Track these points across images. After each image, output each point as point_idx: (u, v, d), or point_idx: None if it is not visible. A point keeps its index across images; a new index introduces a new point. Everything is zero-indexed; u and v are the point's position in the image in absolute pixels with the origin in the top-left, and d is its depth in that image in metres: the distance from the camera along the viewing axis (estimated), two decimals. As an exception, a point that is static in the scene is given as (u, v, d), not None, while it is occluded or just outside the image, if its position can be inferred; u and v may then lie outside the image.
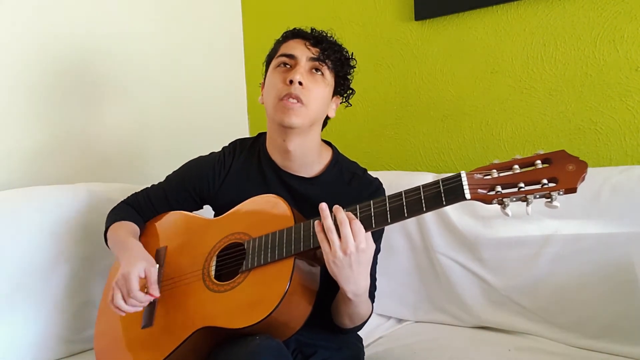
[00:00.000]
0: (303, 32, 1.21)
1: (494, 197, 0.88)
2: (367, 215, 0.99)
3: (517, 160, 0.90)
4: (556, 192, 0.85)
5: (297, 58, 1.16)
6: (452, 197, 0.91)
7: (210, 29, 2.15)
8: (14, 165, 1.56)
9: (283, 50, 1.19)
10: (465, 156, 1.75)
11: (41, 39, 1.62)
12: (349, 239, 0.96)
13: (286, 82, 1.13)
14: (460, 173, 0.91)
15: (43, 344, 1.39)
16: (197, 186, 1.28)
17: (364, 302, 1.09)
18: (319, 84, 1.16)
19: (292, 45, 1.18)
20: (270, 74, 1.20)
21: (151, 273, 1.10)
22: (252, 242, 1.09)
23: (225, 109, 2.20)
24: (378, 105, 1.94)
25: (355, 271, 0.99)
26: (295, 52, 1.17)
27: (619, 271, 1.27)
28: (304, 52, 1.16)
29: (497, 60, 1.67)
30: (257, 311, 1.00)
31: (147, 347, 1.13)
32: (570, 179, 0.84)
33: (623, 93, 1.47)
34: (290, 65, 1.17)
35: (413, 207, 0.95)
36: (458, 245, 1.49)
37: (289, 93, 1.13)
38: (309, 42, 1.17)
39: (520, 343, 1.36)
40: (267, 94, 1.19)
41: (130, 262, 1.11)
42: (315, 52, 1.16)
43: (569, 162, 0.85)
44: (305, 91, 1.13)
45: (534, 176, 0.87)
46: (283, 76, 1.15)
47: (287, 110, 1.13)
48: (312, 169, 1.23)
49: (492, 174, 0.90)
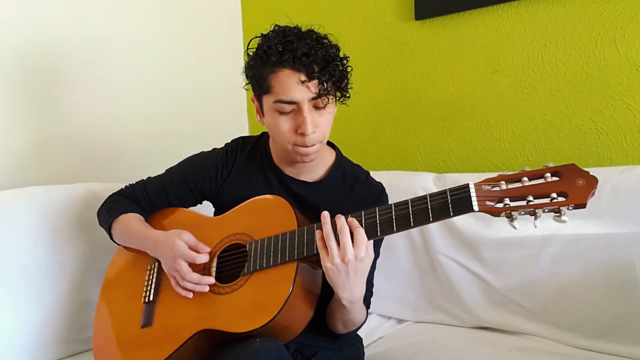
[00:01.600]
0: (290, 57, 1.04)
1: (502, 210, 0.87)
2: (372, 222, 0.98)
3: (526, 172, 0.89)
4: (565, 207, 0.84)
5: (299, 103, 1.06)
6: (459, 208, 0.90)
7: (211, 28, 2.15)
8: (12, 166, 1.56)
9: (278, 90, 1.06)
10: (466, 156, 1.75)
11: (37, 37, 1.61)
12: (348, 247, 0.96)
13: (297, 131, 1.08)
14: (468, 184, 0.90)
15: (42, 344, 1.38)
16: (199, 182, 1.26)
17: (358, 309, 1.08)
18: (326, 117, 1.10)
19: (287, 85, 1.05)
20: (270, 115, 1.10)
21: (189, 239, 1.13)
22: (254, 244, 1.09)
23: (225, 109, 2.20)
24: (378, 105, 1.93)
25: (351, 279, 0.98)
26: (294, 96, 1.05)
27: (619, 271, 1.27)
28: (303, 93, 1.05)
29: (497, 60, 1.66)
30: (259, 316, 0.99)
31: (146, 346, 1.12)
32: (580, 194, 0.83)
33: (624, 93, 1.47)
34: (293, 109, 1.08)
35: (419, 216, 0.94)
36: (458, 245, 1.49)
37: (304, 144, 1.08)
38: (304, 78, 1.04)
39: (521, 343, 1.36)
40: (275, 134, 1.13)
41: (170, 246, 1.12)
42: (315, 88, 1.05)
43: (579, 176, 0.85)
44: (318, 130, 1.09)
45: (543, 190, 0.86)
46: (291, 124, 1.08)
47: (304, 155, 1.11)
48: (315, 172, 1.22)
49: (500, 186, 0.89)
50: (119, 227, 1.26)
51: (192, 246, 1.12)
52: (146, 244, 1.20)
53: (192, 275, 1.08)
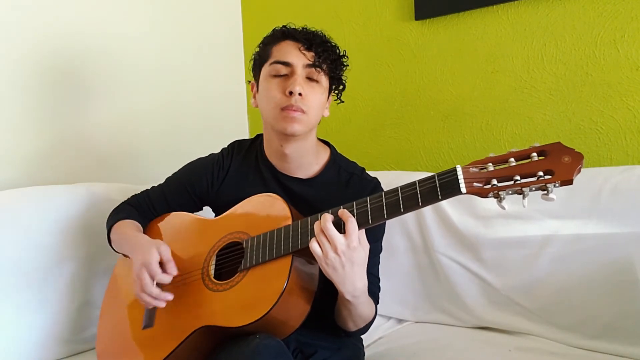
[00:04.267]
0: (294, 32, 1.17)
1: (490, 191, 0.88)
2: (363, 211, 0.99)
3: (512, 153, 0.90)
4: (552, 184, 0.84)
5: (294, 66, 1.14)
6: (447, 191, 0.91)
7: (211, 28, 2.15)
8: (13, 166, 1.56)
9: (276, 55, 1.16)
10: (466, 156, 1.75)
11: (36, 39, 1.61)
12: (337, 238, 0.96)
13: (285, 92, 1.12)
14: (456, 167, 0.91)
15: (43, 344, 1.39)
16: (197, 188, 1.29)
17: (364, 303, 1.09)
18: (316, 91, 1.15)
19: (286, 50, 1.15)
20: (265, 81, 1.17)
21: (164, 253, 1.11)
22: (251, 241, 1.10)
23: (225, 109, 2.20)
24: (378, 105, 1.93)
25: (348, 271, 0.99)
26: (290, 58, 1.14)
27: (619, 271, 1.27)
28: (299, 59, 1.14)
29: (497, 60, 1.67)
30: (255, 309, 1.00)
31: (148, 347, 1.13)
32: (566, 170, 0.84)
33: (624, 93, 1.47)
34: (286, 73, 1.15)
35: (409, 201, 0.95)
36: (458, 245, 1.49)
37: (290, 105, 1.12)
38: (302, 46, 1.14)
39: (521, 343, 1.36)
40: (265, 102, 1.18)
41: (144, 251, 1.12)
42: (311, 58, 1.14)
43: (564, 153, 0.85)
44: (305, 100, 1.13)
45: (529, 169, 0.87)
46: (281, 86, 1.14)
47: (290, 119, 1.13)
48: (310, 169, 1.23)
49: (487, 167, 0.90)
50: (114, 232, 1.28)
51: (163, 261, 1.11)
52: (128, 247, 1.21)
53: (152, 289, 1.08)
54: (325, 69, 1.15)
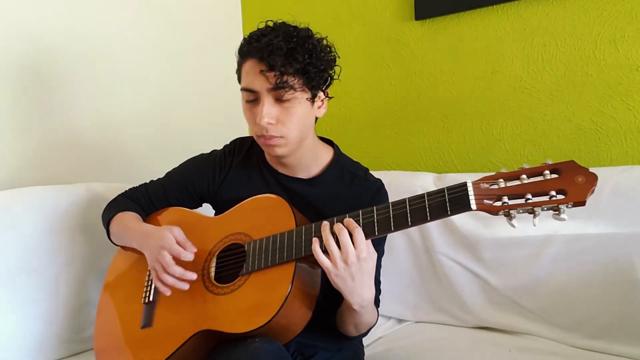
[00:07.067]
0: (255, 49, 1.05)
1: (501, 209, 0.87)
2: (370, 222, 0.97)
3: (524, 170, 0.88)
4: (564, 205, 0.83)
5: (257, 92, 1.06)
6: (457, 207, 0.89)
7: (210, 28, 2.15)
8: (12, 166, 1.56)
9: (244, 79, 1.09)
10: (466, 156, 1.75)
11: (36, 37, 1.61)
12: (349, 247, 0.94)
13: (257, 121, 1.07)
14: (466, 182, 0.89)
15: (43, 344, 1.39)
16: (197, 184, 1.27)
17: (370, 310, 1.08)
18: (290, 111, 1.07)
19: (250, 73, 1.07)
20: (243, 104, 1.12)
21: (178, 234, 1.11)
22: (253, 244, 1.08)
23: (225, 108, 2.20)
24: (378, 105, 1.93)
25: (358, 282, 0.97)
26: (254, 85, 1.06)
27: (619, 271, 1.27)
28: (262, 84, 1.05)
29: (497, 60, 1.66)
30: (257, 316, 0.99)
31: (146, 347, 1.13)
32: (579, 191, 0.82)
33: (624, 93, 1.47)
34: (254, 98, 1.08)
35: (417, 215, 0.93)
36: (458, 245, 1.49)
37: (262, 135, 1.09)
38: (264, 68, 1.03)
39: (520, 343, 1.36)
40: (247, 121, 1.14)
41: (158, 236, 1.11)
42: (272, 80, 1.03)
43: (578, 173, 0.84)
44: (279, 126, 1.07)
45: (542, 187, 0.85)
46: (253, 113, 1.09)
47: (268, 147, 1.11)
48: (311, 170, 1.21)
49: (498, 184, 0.88)
50: (115, 225, 1.26)
51: (180, 242, 1.10)
52: (136, 238, 1.19)
53: (175, 268, 1.06)
54: (295, 84, 1.05)
